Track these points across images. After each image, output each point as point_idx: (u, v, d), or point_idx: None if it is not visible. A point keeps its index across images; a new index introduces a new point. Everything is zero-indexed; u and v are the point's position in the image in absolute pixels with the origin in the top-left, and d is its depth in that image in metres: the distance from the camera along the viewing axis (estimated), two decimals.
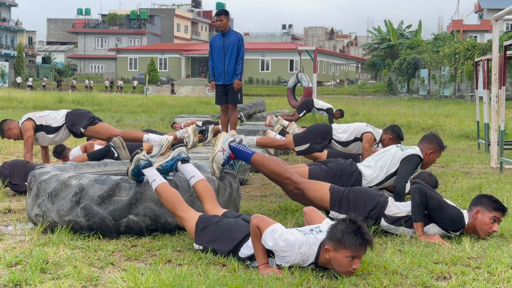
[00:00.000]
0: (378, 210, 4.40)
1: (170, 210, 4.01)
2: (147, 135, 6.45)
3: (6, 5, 69.67)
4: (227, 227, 3.72)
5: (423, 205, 4.25)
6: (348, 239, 3.22)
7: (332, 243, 3.28)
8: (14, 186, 5.93)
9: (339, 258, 3.26)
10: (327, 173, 5.01)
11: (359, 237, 3.23)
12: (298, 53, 20.61)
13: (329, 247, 3.28)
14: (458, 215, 4.24)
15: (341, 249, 3.25)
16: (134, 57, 68.59)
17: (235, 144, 4.39)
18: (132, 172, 4.13)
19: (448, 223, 4.24)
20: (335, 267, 3.31)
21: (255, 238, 3.43)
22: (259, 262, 3.42)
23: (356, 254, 3.25)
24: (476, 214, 4.23)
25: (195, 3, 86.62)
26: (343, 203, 4.42)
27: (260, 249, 3.42)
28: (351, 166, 5.11)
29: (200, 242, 3.77)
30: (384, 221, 4.39)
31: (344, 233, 3.23)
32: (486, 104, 10.71)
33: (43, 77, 62.59)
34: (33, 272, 3.25)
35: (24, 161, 6.12)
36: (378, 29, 65.55)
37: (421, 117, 18.27)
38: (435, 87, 41.19)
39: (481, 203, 4.26)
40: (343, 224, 3.28)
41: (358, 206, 4.40)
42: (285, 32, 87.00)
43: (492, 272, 3.42)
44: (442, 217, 4.23)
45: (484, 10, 65.41)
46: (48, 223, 4.24)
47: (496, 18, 8.57)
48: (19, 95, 30.70)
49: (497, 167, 8.51)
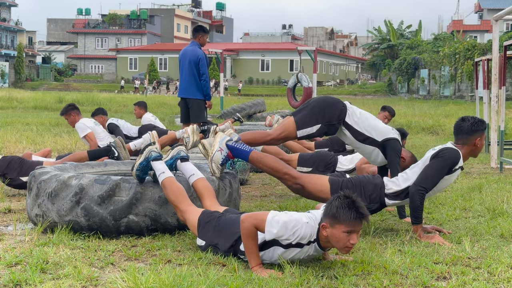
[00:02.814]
0: (378, 192, 4.39)
1: (173, 203, 4.02)
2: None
3: (6, 5, 69.69)
4: (229, 222, 3.74)
5: (422, 207, 4.25)
6: (343, 213, 3.25)
7: (328, 219, 3.32)
8: (10, 180, 5.93)
9: (336, 234, 3.29)
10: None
11: (354, 210, 3.26)
12: (298, 53, 20.56)
13: (325, 224, 3.32)
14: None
15: (337, 224, 3.28)
16: (134, 57, 68.60)
17: (232, 143, 4.39)
18: (139, 166, 4.14)
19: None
20: (333, 244, 3.34)
21: (248, 238, 3.42)
22: (253, 264, 3.42)
23: (352, 228, 3.27)
24: None
25: (195, 3, 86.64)
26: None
27: (254, 249, 3.42)
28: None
29: (204, 237, 3.78)
30: (388, 200, 4.39)
31: (339, 208, 3.27)
32: (486, 104, 10.71)
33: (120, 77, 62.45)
34: (33, 272, 3.25)
35: (20, 158, 6.15)
36: (378, 29, 65.58)
37: (421, 117, 18.27)
38: (435, 87, 41.20)
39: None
40: (337, 199, 3.32)
41: (358, 193, 4.40)
42: (285, 32, 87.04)
43: (492, 272, 3.42)
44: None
45: (484, 10, 65.44)
46: (48, 223, 4.24)
47: (496, 18, 8.57)
48: (19, 95, 30.69)
49: (497, 167, 8.51)
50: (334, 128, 4.65)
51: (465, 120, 4.38)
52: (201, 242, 3.79)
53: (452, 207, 5.43)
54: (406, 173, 4.44)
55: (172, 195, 4.01)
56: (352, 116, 4.65)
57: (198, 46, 8.80)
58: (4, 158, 6.10)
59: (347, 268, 3.45)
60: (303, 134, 4.69)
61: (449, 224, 4.77)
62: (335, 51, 76.39)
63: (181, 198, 4.00)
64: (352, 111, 4.67)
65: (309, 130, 4.65)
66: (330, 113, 4.63)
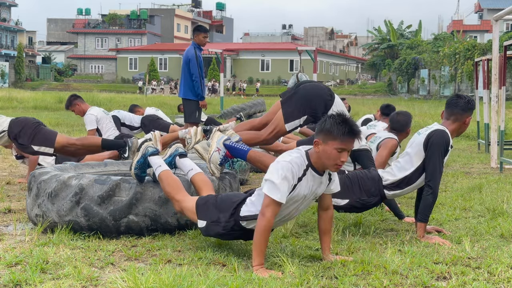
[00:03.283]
0: (376, 186, 4.40)
1: (169, 194, 4.01)
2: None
3: (6, 5, 69.69)
4: (226, 197, 3.80)
5: (433, 206, 4.27)
6: (336, 128, 3.37)
7: (321, 135, 3.43)
8: (21, 145, 5.68)
9: (328, 150, 3.40)
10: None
11: (347, 126, 3.38)
12: (298, 53, 20.61)
13: (318, 140, 3.43)
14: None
15: (330, 140, 3.39)
16: (134, 57, 68.60)
17: (229, 142, 4.40)
18: (137, 164, 4.15)
19: None
20: (324, 161, 3.43)
21: (264, 233, 3.39)
22: (256, 262, 3.40)
23: (344, 145, 3.38)
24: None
25: (195, 3, 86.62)
26: (342, 188, 4.41)
27: (263, 247, 3.40)
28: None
29: (204, 217, 3.75)
30: (388, 191, 4.41)
31: (333, 124, 3.39)
32: (486, 104, 10.71)
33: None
34: (33, 272, 3.25)
35: (36, 121, 5.76)
36: (378, 29, 65.58)
37: (421, 117, 18.28)
38: (435, 87, 41.22)
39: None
40: (331, 117, 3.44)
41: (355, 190, 4.40)
42: (285, 32, 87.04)
43: (492, 272, 3.42)
44: None
45: (484, 10, 65.43)
46: (48, 223, 4.24)
47: (496, 18, 8.57)
48: (19, 95, 30.69)
49: (497, 167, 8.51)
50: (318, 119, 4.70)
51: (461, 97, 4.44)
52: (202, 223, 3.76)
53: (452, 207, 5.43)
54: (399, 162, 4.45)
55: (168, 187, 4.01)
56: (337, 107, 4.77)
57: (195, 46, 8.85)
58: (18, 120, 5.72)
59: (347, 268, 3.44)
60: (291, 127, 4.84)
61: (449, 224, 4.76)
62: (335, 51, 76.39)
63: (177, 189, 4.00)
64: (337, 100, 4.80)
65: (297, 122, 4.80)
66: (316, 105, 4.75)
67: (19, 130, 5.62)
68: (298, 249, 3.87)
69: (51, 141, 5.61)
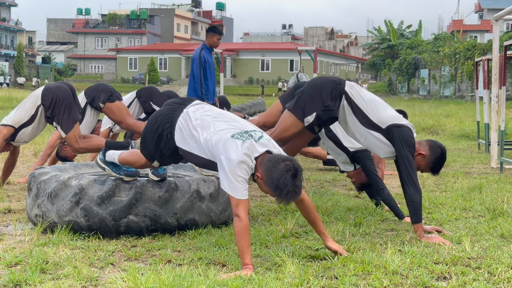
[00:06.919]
0: (337, 88, 4.37)
1: (135, 164, 4.12)
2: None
3: (6, 5, 69.67)
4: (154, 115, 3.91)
5: (421, 205, 4.25)
6: (278, 192, 3.33)
7: (265, 177, 3.39)
8: (48, 119, 5.72)
9: (264, 189, 3.46)
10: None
11: (289, 195, 3.33)
12: (298, 53, 20.61)
13: (260, 176, 3.42)
14: None
15: (270, 189, 3.39)
16: (134, 57, 68.59)
17: None
18: (119, 170, 4.20)
19: None
20: (260, 187, 3.50)
21: (245, 236, 3.38)
22: (243, 261, 3.37)
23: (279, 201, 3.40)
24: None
25: (195, 3, 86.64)
26: (303, 105, 4.40)
27: (245, 248, 3.38)
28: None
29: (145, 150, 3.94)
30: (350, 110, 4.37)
31: (280, 185, 3.31)
32: (486, 104, 10.71)
33: (45, 78, 62.57)
34: (33, 272, 3.25)
35: (66, 92, 5.66)
36: (378, 29, 65.58)
37: (421, 117, 18.27)
38: (435, 87, 41.22)
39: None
40: (283, 174, 3.31)
41: (315, 97, 4.37)
42: (285, 32, 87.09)
43: (492, 272, 3.42)
44: None
45: (484, 10, 65.41)
46: (48, 223, 4.24)
47: (496, 18, 8.56)
48: (19, 95, 30.69)
49: (497, 167, 8.51)
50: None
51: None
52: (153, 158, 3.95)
53: (452, 207, 5.42)
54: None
55: (130, 157, 4.12)
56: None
57: (203, 46, 8.84)
58: (49, 89, 5.64)
59: (347, 268, 3.44)
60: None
61: (449, 224, 4.76)
62: (335, 51, 76.39)
63: (138, 154, 4.07)
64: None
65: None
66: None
67: (49, 104, 5.60)
68: (298, 249, 3.87)
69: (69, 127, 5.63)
